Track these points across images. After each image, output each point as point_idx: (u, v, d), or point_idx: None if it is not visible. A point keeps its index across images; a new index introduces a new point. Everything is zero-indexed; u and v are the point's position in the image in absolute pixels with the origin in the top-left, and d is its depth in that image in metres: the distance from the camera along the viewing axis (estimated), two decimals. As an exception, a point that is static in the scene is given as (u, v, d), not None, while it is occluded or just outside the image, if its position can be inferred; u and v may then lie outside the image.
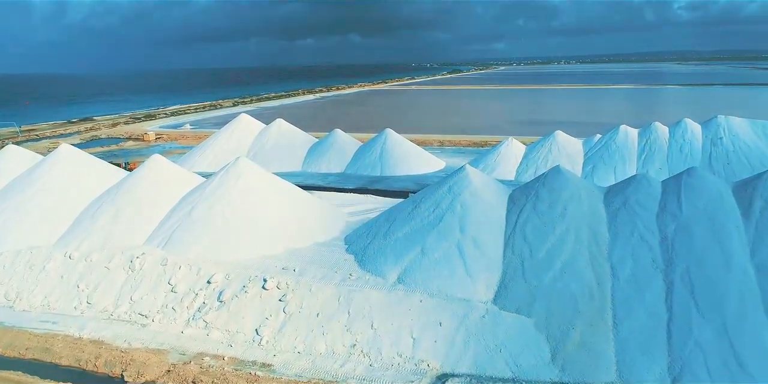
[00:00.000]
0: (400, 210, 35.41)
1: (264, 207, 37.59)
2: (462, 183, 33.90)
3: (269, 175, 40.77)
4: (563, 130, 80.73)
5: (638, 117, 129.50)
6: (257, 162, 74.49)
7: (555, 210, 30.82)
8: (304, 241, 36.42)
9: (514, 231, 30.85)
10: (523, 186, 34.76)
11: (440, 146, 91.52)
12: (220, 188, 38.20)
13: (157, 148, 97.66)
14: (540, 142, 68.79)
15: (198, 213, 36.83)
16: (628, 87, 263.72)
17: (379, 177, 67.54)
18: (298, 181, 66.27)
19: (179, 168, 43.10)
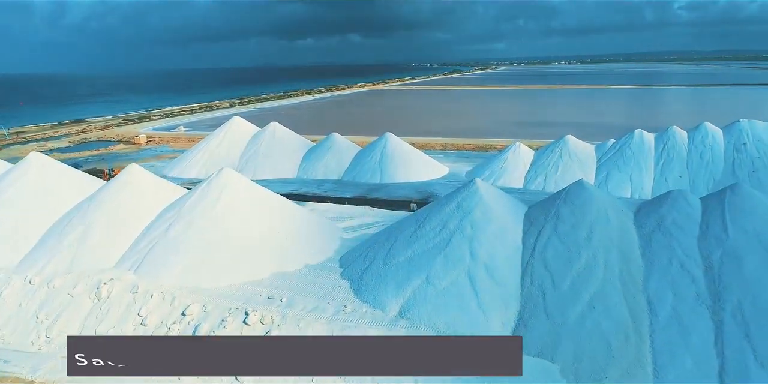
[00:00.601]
0: (401, 229, 31.45)
1: (250, 225, 33.64)
2: (472, 199, 29.92)
3: (257, 188, 36.83)
4: (570, 133, 76.94)
5: (648, 119, 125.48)
6: (250, 168, 70.90)
7: (580, 232, 26.85)
8: (293, 263, 32.46)
9: (533, 257, 26.88)
10: (541, 203, 30.79)
11: (443, 150, 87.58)
12: (201, 203, 34.26)
13: (148, 151, 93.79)
14: (549, 147, 64.81)
15: (175, 232, 32.88)
16: (633, 87, 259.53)
17: (378, 184, 63.57)
18: (292, 189, 62.46)
19: (158, 179, 39.16)
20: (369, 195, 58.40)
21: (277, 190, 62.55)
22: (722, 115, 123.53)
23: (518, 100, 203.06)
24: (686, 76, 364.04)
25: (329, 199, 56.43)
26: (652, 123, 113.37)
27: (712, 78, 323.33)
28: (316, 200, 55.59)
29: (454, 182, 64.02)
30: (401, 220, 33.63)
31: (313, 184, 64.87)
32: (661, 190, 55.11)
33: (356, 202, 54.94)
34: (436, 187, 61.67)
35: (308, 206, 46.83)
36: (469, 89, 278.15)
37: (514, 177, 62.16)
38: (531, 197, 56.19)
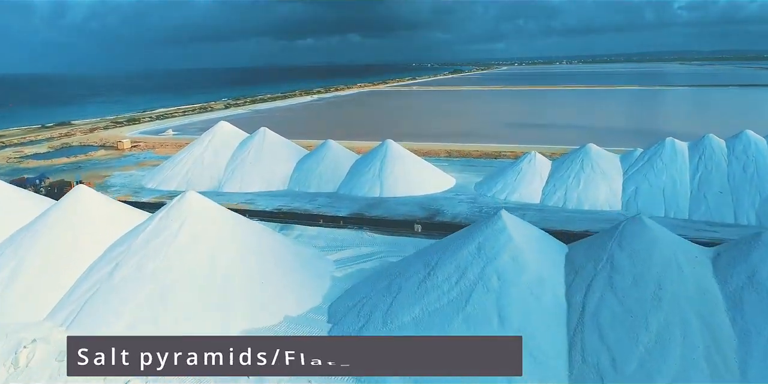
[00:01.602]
0: (406, 273, 24.77)
1: (216, 266, 26.95)
2: (497, 239, 23.23)
3: (228, 217, 30.16)
4: (585, 138, 70.42)
5: (670, 123, 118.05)
6: (236, 179, 64.17)
7: (644, 289, 20.20)
8: (270, 316, 25.80)
9: (582, 322, 20.21)
10: (587, 243, 24.11)
11: (447, 157, 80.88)
12: (157, 238, 27.58)
13: (130, 158, 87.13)
14: (569, 157, 58.09)
15: (122, 275, 26.22)
16: (642, 88, 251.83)
17: (378, 199, 56.86)
18: (281, 203, 55.80)
19: (111, 204, 32.45)
20: (367, 212, 51.69)
21: (265, 204, 56.09)
22: (744, 118, 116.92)
23: (524, 101, 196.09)
24: (694, 77, 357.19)
25: (322, 217, 49.74)
26: (673, 127, 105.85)
27: (720, 78, 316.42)
28: (307, 219, 48.95)
29: (462, 196, 57.37)
30: (406, 261, 26.84)
31: (305, 197, 58.17)
32: (699, 209, 48.59)
33: (352, 221, 48.28)
34: (442, 202, 54.98)
35: (295, 231, 40.04)
36: (471, 90, 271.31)
37: (529, 191, 55.47)
38: (550, 216, 49.55)
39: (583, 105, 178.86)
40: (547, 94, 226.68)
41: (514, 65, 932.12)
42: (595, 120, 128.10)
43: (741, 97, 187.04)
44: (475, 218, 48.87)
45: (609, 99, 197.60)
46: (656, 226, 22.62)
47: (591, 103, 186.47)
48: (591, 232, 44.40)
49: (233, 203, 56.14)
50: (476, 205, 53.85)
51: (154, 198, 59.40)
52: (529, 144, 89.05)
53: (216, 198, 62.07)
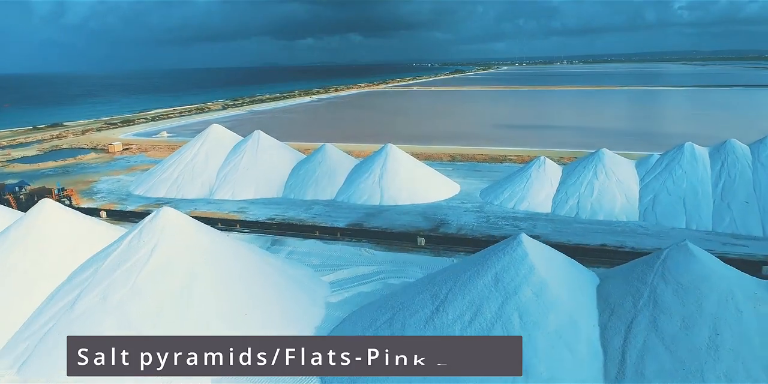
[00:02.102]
0: (412, 306, 21.41)
1: (194, 296, 23.56)
2: (518, 270, 19.84)
3: (208, 237, 26.71)
4: (595, 142, 67.23)
5: (682, 125, 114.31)
6: (228, 185, 60.76)
7: (696, 334, 16.81)
8: (253, 355, 22.35)
9: (623, 375, 16.80)
10: (622, 274, 20.67)
11: (451, 161, 77.45)
12: (127, 262, 24.20)
13: (120, 162, 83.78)
14: (581, 162, 54.68)
15: (84, 306, 22.85)
16: (647, 89, 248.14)
17: (378, 207, 53.48)
18: (275, 212, 52.41)
19: (78, 220, 28.99)
20: (366, 223, 48.28)
21: (258, 213, 52.69)
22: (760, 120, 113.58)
23: (528, 102, 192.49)
24: (700, 77, 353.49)
25: (318, 228, 46.30)
26: (686, 129, 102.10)
27: (726, 79, 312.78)
28: (302, 230, 45.56)
29: (468, 204, 53.97)
30: (412, 290, 23.37)
31: (300, 206, 54.78)
32: (723, 220, 45.17)
33: (350, 233, 44.88)
34: (446, 211, 51.58)
35: (286, 247, 36.57)
36: (473, 90, 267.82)
37: (539, 199, 52.05)
38: (563, 227, 46.10)
39: (589, 106, 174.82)
40: (552, 95, 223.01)
41: (514, 65, 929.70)
42: (604, 122, 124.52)
43: (750, 99, 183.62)
44: (483, 229, 45.55)
45: (616, 100, 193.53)
46: (706, 256, 19.23)
47: (598, 104, 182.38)
48: (609, 246, 41.10)
49: (224, 213, 52.84)
50: (483, 214, 50.46)
51: (141, 206, 56.02)
52: (536, 147, 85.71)
53: (207, 206, 59.52)
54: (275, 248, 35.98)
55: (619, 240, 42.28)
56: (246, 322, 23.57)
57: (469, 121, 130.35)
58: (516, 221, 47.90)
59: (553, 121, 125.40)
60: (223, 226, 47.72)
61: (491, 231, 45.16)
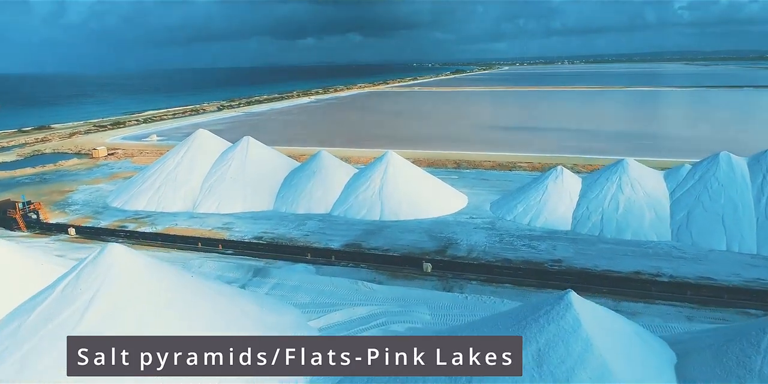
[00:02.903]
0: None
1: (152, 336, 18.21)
2: (569, 347, 14.56)
3: (165, 283, 21.35)
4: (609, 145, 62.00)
5: (700, 129, 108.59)
6: (213, 197, 55.31)
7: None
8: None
9: None
10: (708, 347, 15.30)
11: (456, 168, 72.16)
12: (58, 317, 18.94)
13: (104, 168, 78.50)
14: (603, 173, 49.34)
15: (26, 352, 17.56)
16: (657, 89, 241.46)
17: (378, 224, 48.18)
18: (264, 228, 47.13)
19: (8, 257, 23.65)
20: (365, 243, 42.97)
21: (244, 230, 47.33)
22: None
23: (533, 103, 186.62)
24: (709, 77, 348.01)
25: (310, 250, 41.05)
26: (711, 133, 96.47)
27: (733, 79, 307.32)
28: (292, 253, 40.31)
29: (478, 219, 48.67)
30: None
31: (292, 221, 49.48)
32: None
33: (347, 256, 39.62)
34: (454, 228, 46.26)
35: (270, 280, 31.13)
36: (476, 91, 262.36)
37: (558, 215, 46.75)
38: (587, 248, 40.70)
39: (599, 107, 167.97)
40: (558, 96, 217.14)
41: (515, 65, 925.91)
42: (617, 124, 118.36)
43: (764, 100, 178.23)
44: (496, 251, 40.25)
45: (626, 101, 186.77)
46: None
47: (608, 105, 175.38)
48: (643, 273, 35.75)
49: (207, 229, 47.54)
50: (495, 231, 45.16)
51: (116, 221, 50.73)
52: (546, 153, 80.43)
53: (189, 221, 53.80)
54: (257, 281, 30.72)
55: (653, 265, 36.97)
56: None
57: (473, 123, 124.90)
58: (533, 241, 42.60)
59: (562, 124, 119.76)
60: (204, 247, 42.63)
61: (506, 253, 39.88)
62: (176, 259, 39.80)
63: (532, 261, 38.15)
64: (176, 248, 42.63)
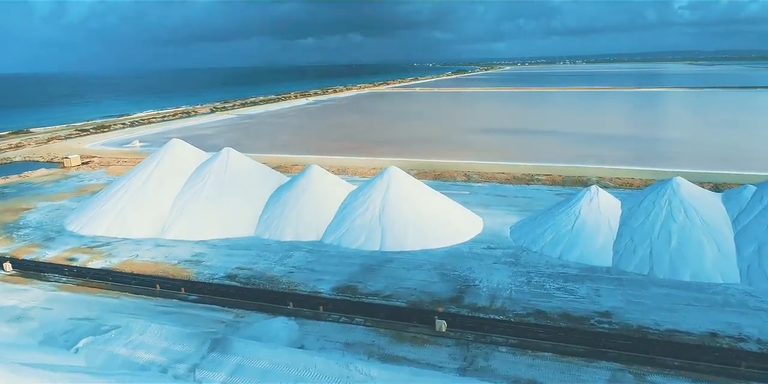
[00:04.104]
0: None
1: None
2: None
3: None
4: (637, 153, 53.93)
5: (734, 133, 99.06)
6: (185, 221, 46.66)
7: None
8: None
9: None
10: None
11: (466, 182, 64.06)
12: None
13: (72, 180, 70.39)
14: (647, 195, 41.18)
15: None
16: (672, 90, 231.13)
17: (378, 256, 40.09)
18: (241, 262, 39.07)
19: None
20: (361, 284, 34.88)
21: (217, 264, 38.57)
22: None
23: (543, 105, 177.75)
24: (717, 78, 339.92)
25: (292, 297, 33.00)
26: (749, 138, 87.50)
27: (744, 80, 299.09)
28: (271, 301, 32.29)
29: (498, 250, 40.60)
30: None
31: (276, 252, 41.41)
32: None
33: (338, 306, 31.56)
34: (470, 263, 38.19)
35: (232, 359, 22.89)
36: (480, 91, 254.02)
37: (595, 246, 38.67)
38: (638, 294, 32.19)
39: (616, 110, 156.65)
40: (567, 97, 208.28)
41: (516, 65, 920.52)
42: (639, 129, 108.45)
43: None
44: (525, 298, 32.17)
45: (645, 103, 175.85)
46: None
47: (624, 107, 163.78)
48: (720, 335, 27.59)
49: (171, 263, 39.43)
50: (521, 268, 37.08)
51: (67, 251, 42.63)
52: (566, 162, 72.28)
53: (153, 251, 42.64)
54: (213, 360, 22.51)
55: (731, 322, 28.87)
56: None
57: (479, 127, 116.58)
58: (569, 282, 34.53)
59: (576, 128, 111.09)
60: (164, 289, 34.58)
61: (538, 301, 31.80)
62: (124, 309, 31.84)
63: (572, 314, 30.08)
64: (129, 292, 34.54)
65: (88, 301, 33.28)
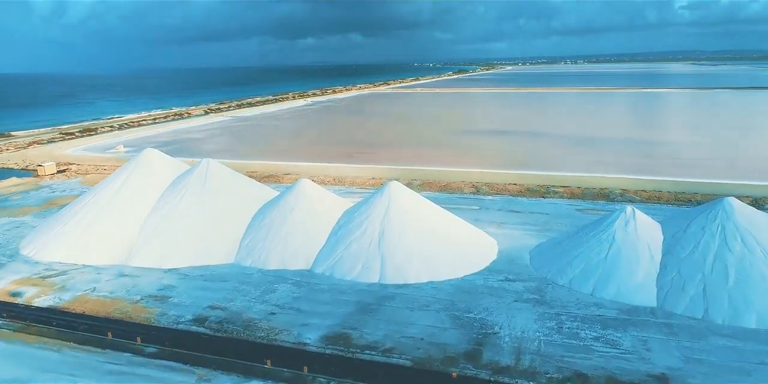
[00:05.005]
0: None
1: None
2: None
3: None
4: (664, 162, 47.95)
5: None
6: (155, 246, 40.20)
7: None
8: None
9: None
10: None
11: (475, 193, 57.98)
12: None
13: (44, 191, 64.36)
14: (695, 219, 35.00)
15: None
16: (684, 91, 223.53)
17: (377, 291, 33.98)
18: (214, 300, 32.89)
19: None
20: (356, 332, 28.75)
21: (188, 301, 31.46)
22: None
23: (550, 107, 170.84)
24: (726, 78, 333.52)
25: (272, 350, 26.88)
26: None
27: (753, 80, 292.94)
28: (245, 358, 26.15)
29: (519, 284, 34.52)
30: None
31: (257, 285, 35.30)
32: None
33: (325, 366, 25.45)
34: (487, 301, 32.09)
35: None
36: (483, 92, 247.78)
37: (635, 282, 32.56)
38: (699, 350, 25.39)
39: (628, 112, 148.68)
40: (574, 98, 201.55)
41: (517, 65, 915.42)
42: (657, 133, 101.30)
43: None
44: (559, 353, 26.09)
45: (659, 104, 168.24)
46: None
47: (637, 109, 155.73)
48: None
49: (131, 300, 33.23)
50: (548, 309, 30.96)
51: (14, 283, 36.52)
52: (584, 172, 66.12)
53: (114, 282, 35.64)
54: None
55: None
56: None
57: (486, 129, 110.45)
58: (609, 329, 28.44)
59: (591, 132, 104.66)
60: (116, 338, 28.46)
61: (575, 358, 25.71)
62: (63, 366, 25.77)
63: (620, 379, 23.99)
64: (74, 341, 28.43)
65: (21, 355, 27.26)
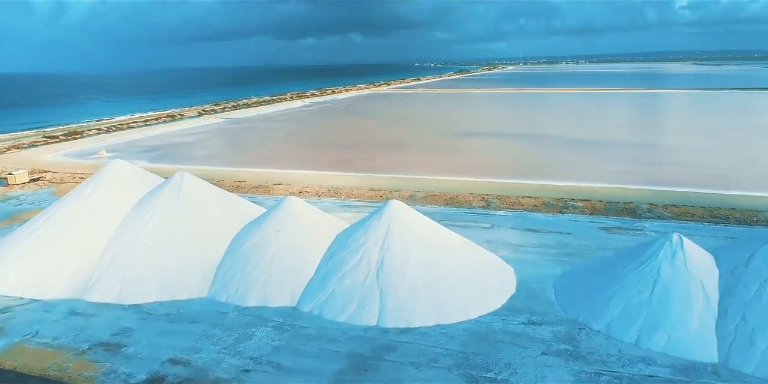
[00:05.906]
0: None
1: None
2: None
3: None
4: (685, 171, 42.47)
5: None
6: (116, 276, 33.82)
7: None
8: None
9: None
10: None
11: (485, 208, 52.19)
12: None
13: (9, 203, 58.76)
14: (757, 251, 29.07)
15: None
16: (695, 91, 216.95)
17: (375, 338, 28.22)
18: (178, 348, 26.70)
19: None
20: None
21: (145, 351, 23.23)
22: None
23: (558, 108, 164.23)
24: (732, 79, 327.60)
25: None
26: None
27: (759, 80, 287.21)
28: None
29: (546, 330, 28.69)
30: None
31: (231, 327, 29.54)
32: None
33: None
34: (508, 353, 26.28)
35: None
36: (486, 93, 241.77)
37: (688, 330, 26.75)
38: None
39: (642, 114, 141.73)
40: (582, 99, 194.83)
41: (518, 65, 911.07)
42: (682, 139, 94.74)
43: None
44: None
45: (672, 106, 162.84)
46: None
47: (650, 111, 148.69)
48: None
49: (78, 349, 27.37)
50: (585, 365, 25.17)
51: (-59, 325, 30.65)
52: (605, 182, 60.24)
53: (64, 322, 29.47)
54: None
55: None
56: None
57: (492, 132, 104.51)
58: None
59: (603, 135, 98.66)
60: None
61: (629, 443, 19.86)
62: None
63: None
64: (-8, 413, 22.62)
65: None
